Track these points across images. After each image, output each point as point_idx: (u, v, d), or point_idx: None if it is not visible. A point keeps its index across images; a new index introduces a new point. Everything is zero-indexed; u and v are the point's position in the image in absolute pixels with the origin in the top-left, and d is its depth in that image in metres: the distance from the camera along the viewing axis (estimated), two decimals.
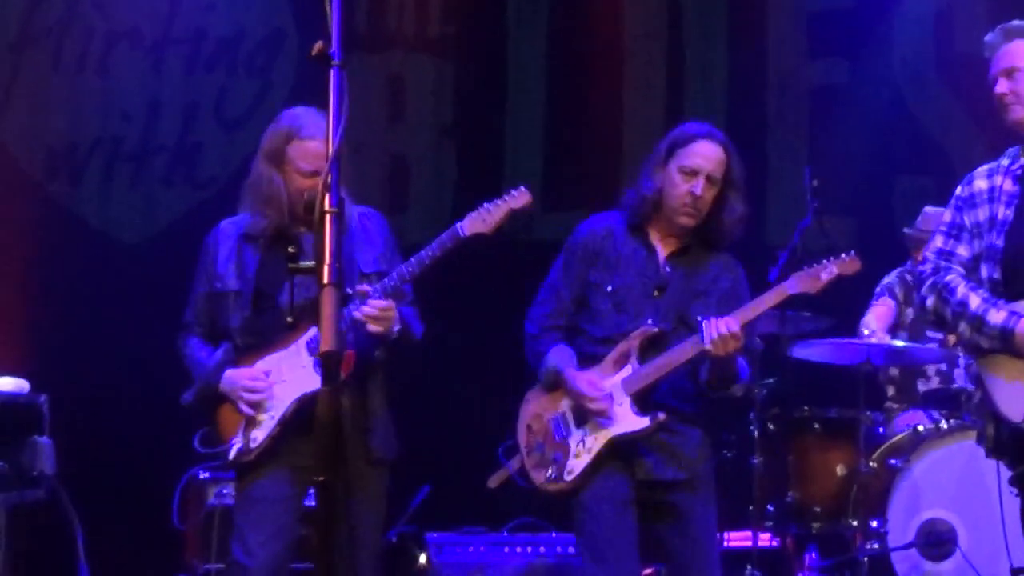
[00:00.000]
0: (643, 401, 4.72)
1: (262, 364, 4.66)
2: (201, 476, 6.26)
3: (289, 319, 4.42)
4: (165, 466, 6.40)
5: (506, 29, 8.41)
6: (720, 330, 4.55)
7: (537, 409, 4.89)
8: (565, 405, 4.81)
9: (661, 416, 4.67)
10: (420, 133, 8.40)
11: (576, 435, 4.77)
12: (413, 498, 6.91)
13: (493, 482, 4.94)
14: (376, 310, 4.55)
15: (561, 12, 8.50)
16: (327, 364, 2.82)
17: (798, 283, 4.73)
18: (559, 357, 4.84)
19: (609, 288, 4.84)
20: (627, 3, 8.54)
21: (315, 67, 3.20)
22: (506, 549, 6.37)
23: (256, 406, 4.61)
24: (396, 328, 4.63)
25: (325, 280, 2.91)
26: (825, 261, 4.73)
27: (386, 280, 4.62)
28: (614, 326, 4.80)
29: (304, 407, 4.56)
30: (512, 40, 8.42)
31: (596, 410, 4.71)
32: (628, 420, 4.70)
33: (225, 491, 6.05)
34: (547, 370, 4.85)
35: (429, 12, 8.46)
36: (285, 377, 4.63)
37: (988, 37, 4.51)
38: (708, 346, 4.57)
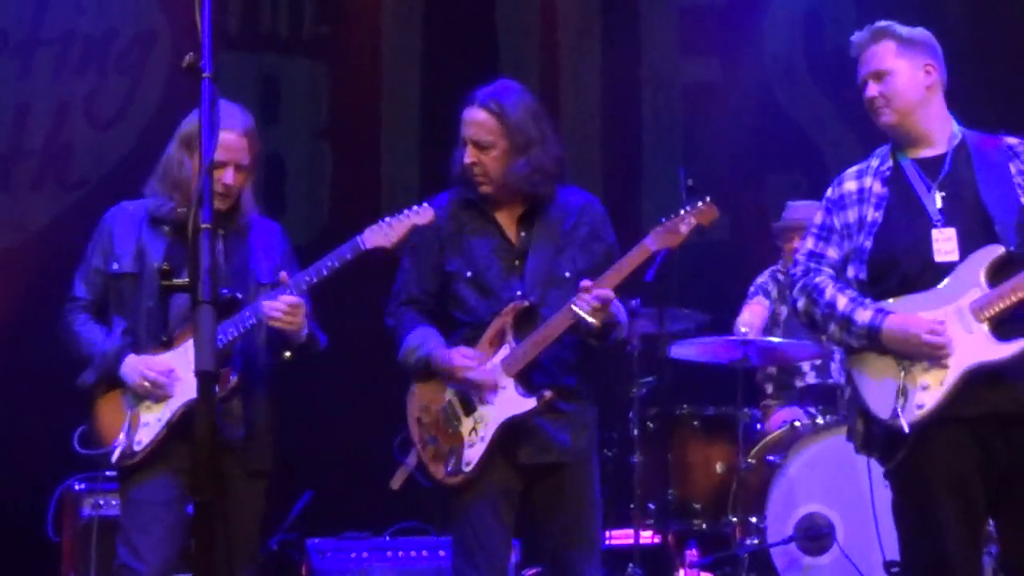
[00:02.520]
0: (526, 380, 4.62)
1: (163, 359, 4.54)
2: (76, 487, 6.12)
3: (164, 338, 4.34)
4: (38, 477, 6.28)
5: (380, 30, 8.38)
6: (594, 304, 4.48)
7: (424, 400, 4.73)
8: (449, 393, 4.67)
9: (547, 394, 4.57)
10: (295, 135, 8.34)
11: (466, 423, 4.64)
12: (295, 505, 6.86)
13: (395, 483, 4.72)
14: (285, 304, 4.49)
15: (435, 12, 8.49)
16: (202, 383, 2.78)
17: (658, 239, 4.62)
18: (424, 339, 4.70)
19: (469, 274, 4.72)
20: (500, 2, 8.56)
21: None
22: (388, 554, 6.35)
23: (156, 398, 4.50)
24: (304, 332, 4.59)
25: (200, 298, 2.86)
26: (683, 211, 4.63)
27: (298, 276, 4.54)
28: (484, 310, 4.69)
29: (190, 413, 4.41)
30: (387, 41, 8.39)
31: (476, 381, 4.59)
32: (515, 402, 4.59)
33: (102, 502, 5.93)
34: (411, 352, 4.68)
35: (303, 13, 8.40)
36: (179, 377, 4.53)
37: (855, 36, 4.51)
38: (592, 321, 4.50)
